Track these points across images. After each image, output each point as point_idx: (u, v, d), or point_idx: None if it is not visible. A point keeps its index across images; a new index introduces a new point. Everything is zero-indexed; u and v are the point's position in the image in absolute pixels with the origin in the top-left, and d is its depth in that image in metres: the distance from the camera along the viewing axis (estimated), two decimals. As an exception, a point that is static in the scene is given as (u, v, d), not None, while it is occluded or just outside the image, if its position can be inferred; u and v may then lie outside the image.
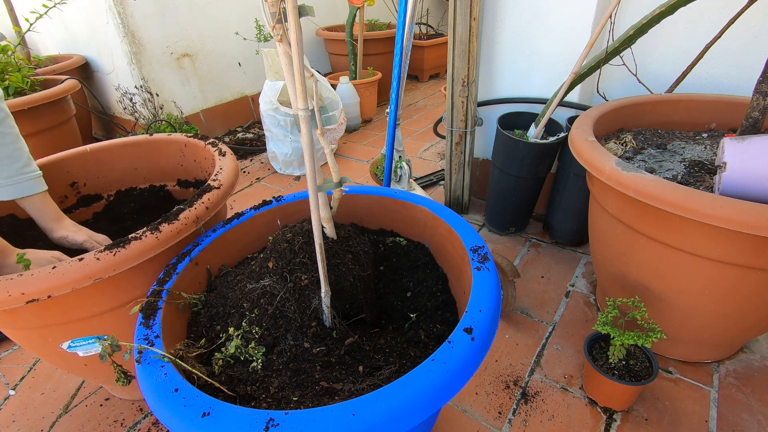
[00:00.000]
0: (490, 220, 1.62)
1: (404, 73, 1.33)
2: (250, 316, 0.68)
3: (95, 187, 1.16)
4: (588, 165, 0.93)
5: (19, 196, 0.88)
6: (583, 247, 1.51)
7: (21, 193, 0.89)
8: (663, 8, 1.02)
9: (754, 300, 0.86)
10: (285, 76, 0.56)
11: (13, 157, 0.87)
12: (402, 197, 0.92)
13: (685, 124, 1.19)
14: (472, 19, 1.36)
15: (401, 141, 1.47)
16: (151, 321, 0.65)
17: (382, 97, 3.05)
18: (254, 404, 0.58)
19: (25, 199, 0.90)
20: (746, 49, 1.15)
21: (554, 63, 1.41)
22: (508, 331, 1.20)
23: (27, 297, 0.67)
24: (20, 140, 0.90)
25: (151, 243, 0.75)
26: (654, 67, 1.30)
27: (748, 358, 1.09)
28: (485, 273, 0.67)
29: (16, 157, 0.88)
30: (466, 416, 0.98)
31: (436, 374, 0.51)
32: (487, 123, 1.65)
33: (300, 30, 0.50)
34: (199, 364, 0.63)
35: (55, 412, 1.06)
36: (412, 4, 1.23)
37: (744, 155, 0.81)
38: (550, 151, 1.35)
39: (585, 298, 1.29)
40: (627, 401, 0.95)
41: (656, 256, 0.91)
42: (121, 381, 0.64)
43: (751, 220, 0.69)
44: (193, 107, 2.47)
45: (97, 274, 0.69)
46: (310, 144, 0.57)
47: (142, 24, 2.13)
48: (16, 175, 0.88)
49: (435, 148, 2.35)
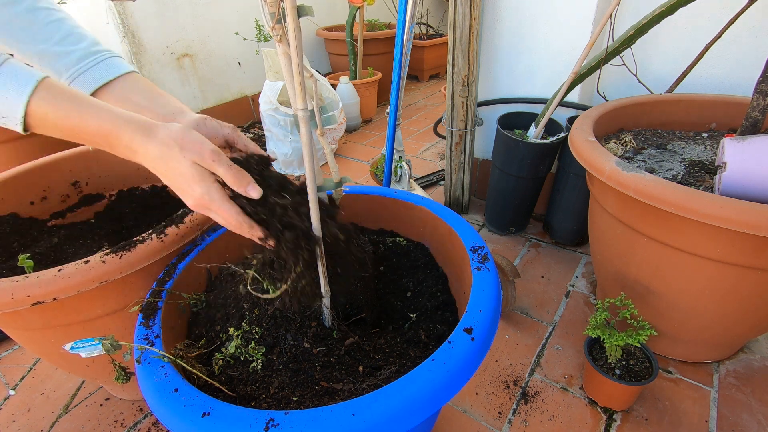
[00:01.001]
0: (490, 220, 1.62)
1: (404, 73, 1.33)
2: (250, 317, 0.68)
3: (97, 186, 1.16)
4: (588, 165, 0.93)
5: (110, 76, 0.68)
6: (583, 247, 1.51)
7: (111, 71, 0.68)
8: (663, 8, 1.02)
9: (754, 300, 0.86)
10: (285, 76, 0.56)
11: (75, 35, 0.67)
12: (402, 197, 0.92)
13: (685, 124, 1.19)
14: (472, 19, 1.36)
15: (401, 141, 1.47)
16: (151, 321, 0.65)
17: (382, 97, 3.05)
18: (254, 404, 0.58)
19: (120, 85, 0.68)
20: (746, 48, 1.15)
21: (554, 63, 1.41)
22: (508, 331, 1.20)
23: (32, 299, 0.67)
24: (72, 20, 0.69)
25: (156, 246, 0.75)
26: (654, 67, 1.30)
27: (748, 358, 1.09)
28: (485, 273, 0.67)
29: (79, 35, 0.68)
30: (466, 416, 0.98)
31: (436, 374, 0.51)
32: (487, 123, 1.65)
33: (299, 30, 0.50)
34: (199, 364, 0.63)
35: (55, 412, 1.06)
36: (412, 4, 1.23)
37: (744, 155, 0.81)
38: (550, 151, 1.35)
39: (585, 298, 1.29)
40: (627, 401, 0.95)
41: (656, 256, 0.91)
42: (121, 378, 0.64)
43: (751, 220, 0.69)
44: (193, 107, 2.47)
45: (102, 277, 0.70)
46: (309, 144, 0.57)
47: (142, 24, 2.13)
48: (90, 55, 0.68)
49: (435, 148, 2.35)
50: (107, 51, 0.70)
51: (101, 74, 0.68)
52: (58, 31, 0.66)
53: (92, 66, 0.68)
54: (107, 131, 0.52)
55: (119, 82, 0.69)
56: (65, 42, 0.67)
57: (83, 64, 0.67)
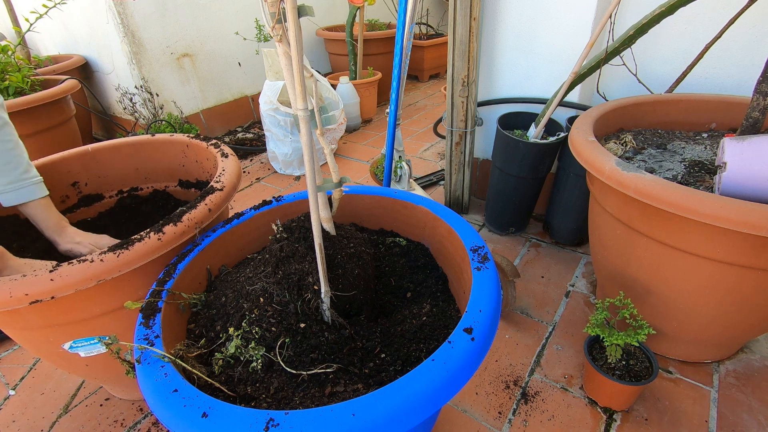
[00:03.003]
0: (490, 220, 1.62)
1: (404, 73, 1.33)
2: (250, 317, 0.68)
3: (96, 187, 1.16)
4: (588, 165, 0.93)
5: (20, 201, 0.89)
6: (583, 247, 1.51)
7: (22, 198, 0.88)
8: (663, 8, 1.02)
9: (754, 300, 0.86)
10: (285, 76, 0.56)
11: (13, 164, 0.87)
12: (402, 197, 0.92)
13: (685, 124, 1.19)
14: (472, 19, 1.36)
15: (401, 141, 1.47)
16: (151, 321, 0.65)
17: (382, 97, 3.05)
18: (254, 404, 0.58)
19: (27, 205, 0.90)
20: (746, 48, 1.15)
21: (554, 63, 1.41)
22: (508, 331, 1.20)
23: (30, 298, 0.67)
24: (19, 146, 0.90)
25: (154, 245, 0.75)
26: (654, 67, 1.30)
27: (748, 358, 1.09)
28: (485, 273, 0.67)
29: (16, 164, 0.88)
30: (466, 416, 0.98)
31: (436, 374, 0.51)
32: (487, 123, 1.65)
33: (299, 30, 0.50)
34: (199, 364, 0.63)
35: (55, 412, 1.06)
36: (412, 4, 1.23)
37: (744, 155, 0.81)
38: (550, 151, 1.35)
39: (585, 298, 1.29)
40: (627, 401, 0.95)
41: (656, 256, 0.91)
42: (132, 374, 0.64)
43: (751, 220, 0.69)
44: (193, 107, 2.47)
45: (100, 276, 0.69)
46: (309, 144, 0.57)
47: (142, 24, 2.13)
48: (17, 181, 0.88)
49: (435, 148, 2.35)
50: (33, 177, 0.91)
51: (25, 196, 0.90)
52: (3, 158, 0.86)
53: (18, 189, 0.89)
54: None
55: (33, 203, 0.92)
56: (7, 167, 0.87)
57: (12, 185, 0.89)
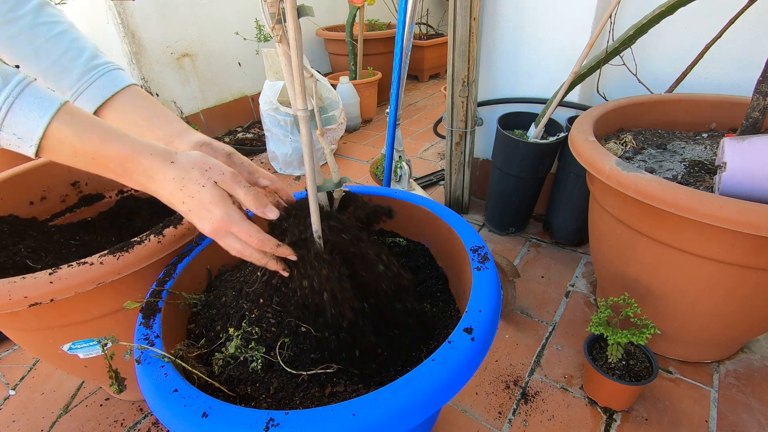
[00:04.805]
0: (490, 220, 1.62)
1: (404, 73, 1.33)
2: (250, 317, 0.68)
3: (97, 186, 1.16)
4: (588, 165, 0.93)
5: (106, 94, 0.67)
6: (583, 247, 1.51)
7: (108, 88, 0.67)
8: (663, 8, 1.02)
9: (754, 300, 0.86)
10: (285, 76, 0.56)
11: (74, 49, 0.66)
12: (402, 197, 0.92)
13: (685, 124, 1.19)
14: (472, 19, 1.36)
15: (401, 141, 1.47)
16: (151, 321, 0.65)
17: (382, 97, 3.05)
18: (254, 404, 0.58)
19: (118, 100, 0.68)
20: (746, 48, 1.15)
21: (554, 63, 1.41)
22: (508, 331, 1.20)
23: (30, 301, 0.66)
24: (74, 30, 0.68)
25: (154, 247, 0.74)
26: (654, 67, 1.30)
27: (748, 358, 1.09)
28: (485, 273, 0.67)
29: (78, 49, 0.67)
30: (466, 416, 0.98)
31: (436, 374, 0.51)
32: (487, 123, 1.65)
33: (299, 30, 0.50)
34: (199, 364, 0.63)
35: (55, 412, 1.06)
36: (412, 4, 1.23)
37: (744, 155, 0.81)
38: (550, 151, 1.35)
39: (585, 298, 1.29)
40: (627, 401, 0.95)
41: (656, 256, 0.91)
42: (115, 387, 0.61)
43: (751, 220, 0.69)
44: (193, 107, 2.47)
45: (100, 278, 0.69)
46: (309, 144, 0.57)
47: (142, 24, 2.13)
48: (89, 71, 0.66)
49: (435, 148, 2.35)
50: (105, 64, 0.69)
51: (100, 91, 0.67)
52: (57, 47, 0.65)
53: (91, 83, 0.67)
54: (126, 156, 0.52)
55: (119, 97, 0.68)
56: (65, 58, 0.66)
57: (83, 81, 0.67)
